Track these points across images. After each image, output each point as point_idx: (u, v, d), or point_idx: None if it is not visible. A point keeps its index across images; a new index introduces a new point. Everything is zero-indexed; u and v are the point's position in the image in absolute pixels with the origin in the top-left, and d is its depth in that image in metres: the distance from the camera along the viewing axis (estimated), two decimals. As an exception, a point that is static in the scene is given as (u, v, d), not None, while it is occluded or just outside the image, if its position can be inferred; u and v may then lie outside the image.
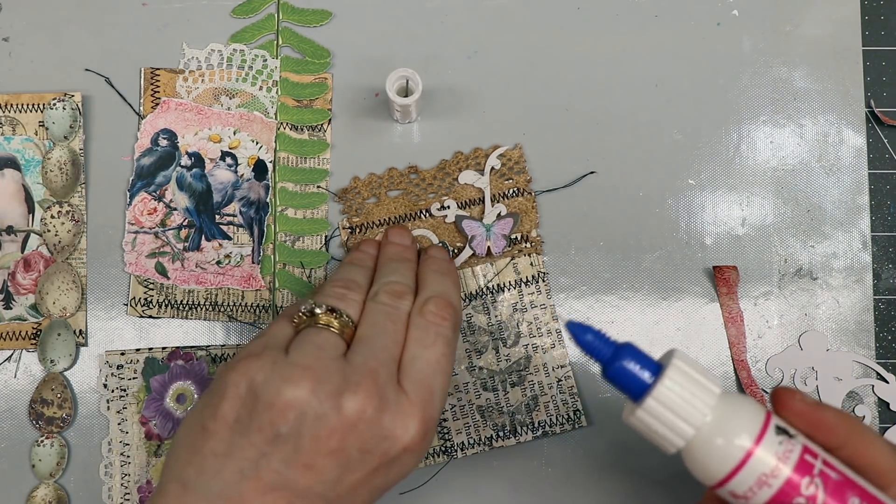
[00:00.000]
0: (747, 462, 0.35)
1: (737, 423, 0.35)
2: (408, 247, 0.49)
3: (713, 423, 0.35)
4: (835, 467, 0.36)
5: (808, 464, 0.35)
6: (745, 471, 0.35)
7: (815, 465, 0.35)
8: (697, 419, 0.35)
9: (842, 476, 0.35)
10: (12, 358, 0.51)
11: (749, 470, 0.35)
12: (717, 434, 0.35)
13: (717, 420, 0.35)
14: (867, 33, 0.54)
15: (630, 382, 0.36)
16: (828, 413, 0.37)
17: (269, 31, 0.54)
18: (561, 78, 0.53)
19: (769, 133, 0.54)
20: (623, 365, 0.36)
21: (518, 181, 0.52)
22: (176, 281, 0.51)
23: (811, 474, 0.35)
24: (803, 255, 0.53)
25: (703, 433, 0.35)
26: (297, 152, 0.53)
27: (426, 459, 0.51)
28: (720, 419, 0.35)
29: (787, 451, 0.35)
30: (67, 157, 0.52)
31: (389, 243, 0.49)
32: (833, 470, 0.35)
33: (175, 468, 0.39)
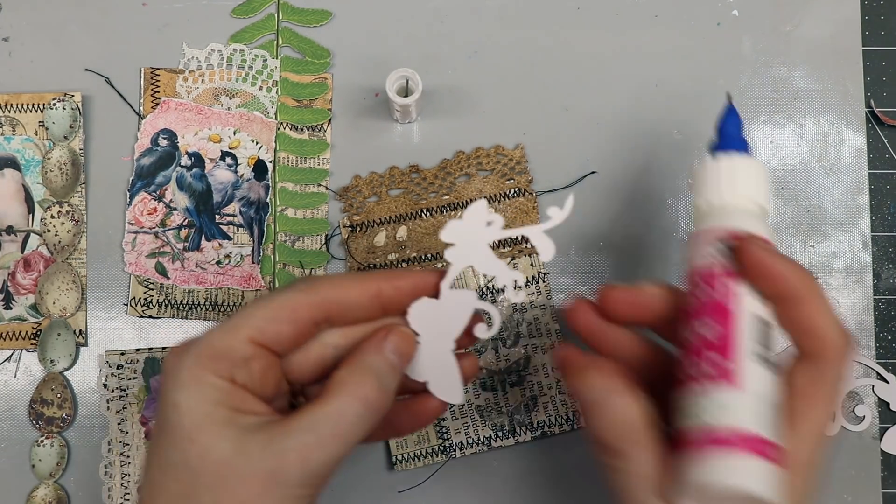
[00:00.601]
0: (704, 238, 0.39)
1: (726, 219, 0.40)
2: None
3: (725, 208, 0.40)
4: (728, 292, 0.37)
5: (732, 272, 0.38)
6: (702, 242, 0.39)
7: (734, 281, 0.38)
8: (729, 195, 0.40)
9: (721, 302, 0.37)
10: (12, 358, 0.51)
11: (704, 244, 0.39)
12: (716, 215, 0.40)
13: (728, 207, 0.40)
14: (867, 33, 0.54)
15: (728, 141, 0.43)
16: (784, 263, 0.37)
17: (269, 31, 0.54)
18: (561, 78, 0.53)
19: (769, 133, 0.53)
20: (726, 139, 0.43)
21: (519, 181, 0.52)
22: (176, 281, 0.52)
23: (728, 279, 0.38)
24: (803, 255, 0.53)
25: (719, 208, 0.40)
26: (297, 152, 0.53)
27: (425, 458, 0.51)
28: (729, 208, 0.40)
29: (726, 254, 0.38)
30: (67, 157, 0.52)
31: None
32: (727, 296, 0.37)
33: None
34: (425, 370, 0.40)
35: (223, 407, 0.37)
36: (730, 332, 0.37)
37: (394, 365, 0.39)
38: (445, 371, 0.40)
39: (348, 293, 0.40)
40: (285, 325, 0.39)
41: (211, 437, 0.36)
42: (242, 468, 0.35)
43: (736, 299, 0.37)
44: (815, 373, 0.37)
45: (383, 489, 0.51)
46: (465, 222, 0.39)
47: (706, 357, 0.37)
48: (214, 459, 0.36)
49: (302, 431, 0.36)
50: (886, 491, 0.51)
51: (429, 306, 0.40)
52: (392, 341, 0.39)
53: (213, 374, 0.37)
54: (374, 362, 0.39)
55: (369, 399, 0.38)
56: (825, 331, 0.37)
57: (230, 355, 0.37)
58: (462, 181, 0.52)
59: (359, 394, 0.38)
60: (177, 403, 0.37)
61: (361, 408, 0.37)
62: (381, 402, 0.38)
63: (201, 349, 0.38)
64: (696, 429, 0.36)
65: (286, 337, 0.39)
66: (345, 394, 0.38)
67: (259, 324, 0.38)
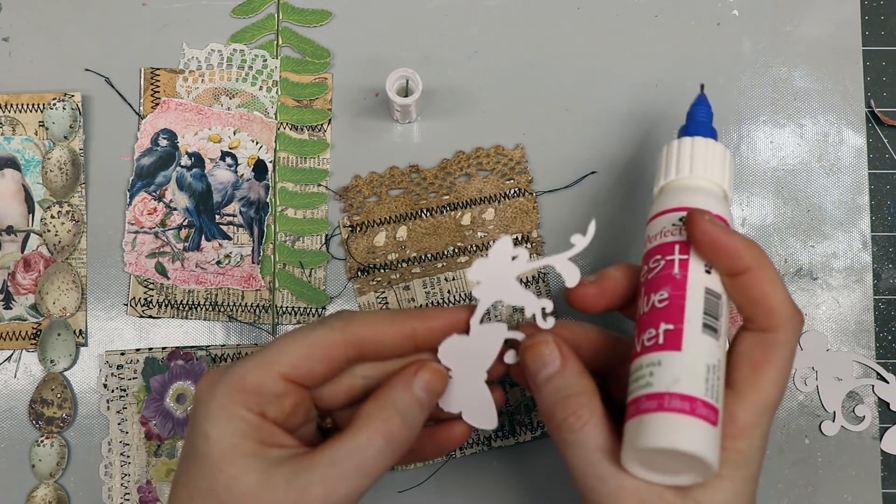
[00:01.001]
0: (658, 218, 0.41)
1: (683, 198, 0.41)
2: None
3: (683, 187, 0.42)
4: (684, 268, 0.39)
5: (669, 249, 0.40)
6: (655, 222, 0.41)
7: (672, 257, 0.39)
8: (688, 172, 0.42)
9: (676, 276, 0.39)
10: (12, 358, 0.51)
11: (657, 224, 0.41)
12: (672, 193, 0.42)
13: (687, 187, 0.42)
14: (867, 33, 0.54)
15: (692, 128, 0.44)
16: (735, 238, 0.38)
17: (269, 31, 0.54)
18: (561, 78, 0.53)
19: (769, 133, 0.53)
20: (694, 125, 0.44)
21: (519, 181, 0.52)
22: (176, 281, 0.52)
23: (663, 257, 0.39)
24: (803, 255, 0.53)
25: (676, 184, 0.43)
26: (297, 152, 0.53)
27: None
28: (688, 188, 0.42)
29: (669, 232, 0.40)
30: (67, 157, 0.52)
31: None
32: (681, 270, 0.39)
33: None
34: (459, 402, 0.42)
35: (251, 440, 0.37)
36: (678, 301, 0.38)
37: (421, 401, 0.40)
38: (479, 401, 0.42)
39: (384, 334, 0.40)
40: (318, 363, 0.39)
41: (238, 469, 0.37)
42: (267, 499, 0.36)
43: (685, 270, 0.39)
44: (765, 343, 0.38)
45: (383, 489, 0.51)
46: (490, 259, 0.40)
47: (656, 326, 0.38)
48: (240, 490, 0.36)
49: (325, 465, 0.37)
50: (886, 491, 0.51)
51: (459, 342, 0.41)
52: (423, 378, 0.40)
53: (244, 407, 0.38)
54: (402, 399, 0.39)
55: (393, 435, 0.38)
56: (775, 302, 0.38)
57: (261, 391, 0.38)
58: (462, 181, 0.52)
59: (383, 429, 0.38)
60: (207, 434, 0.37)
61: (384, 443, 0.38)
62: (405, 437, 0.39)
63: (233, 382, 0.38)
64: (641, 395, 0.37)
65: (318, 374, 0.40)
66: (370, 428, 0.38)
67: (293, 360, 0.39)
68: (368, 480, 0.38)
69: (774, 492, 0.51)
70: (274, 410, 0.39)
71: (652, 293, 0.39)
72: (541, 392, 0.40)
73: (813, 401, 0.51)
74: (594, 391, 0.39)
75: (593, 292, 0.41)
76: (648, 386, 0.37)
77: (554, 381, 0.40)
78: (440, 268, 0.52)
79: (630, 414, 0.37)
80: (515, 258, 0.40)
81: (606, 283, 0.42)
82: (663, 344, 0.37)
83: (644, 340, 0.38)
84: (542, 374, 0.40)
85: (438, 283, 0.52)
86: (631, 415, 0.37)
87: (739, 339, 0.39)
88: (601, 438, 0.38)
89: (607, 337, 0.43)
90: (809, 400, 0.51)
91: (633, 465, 0.37)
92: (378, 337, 0.40)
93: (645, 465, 0.37)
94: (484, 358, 0.41)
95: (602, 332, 0.43)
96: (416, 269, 0.52)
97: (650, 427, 0.36)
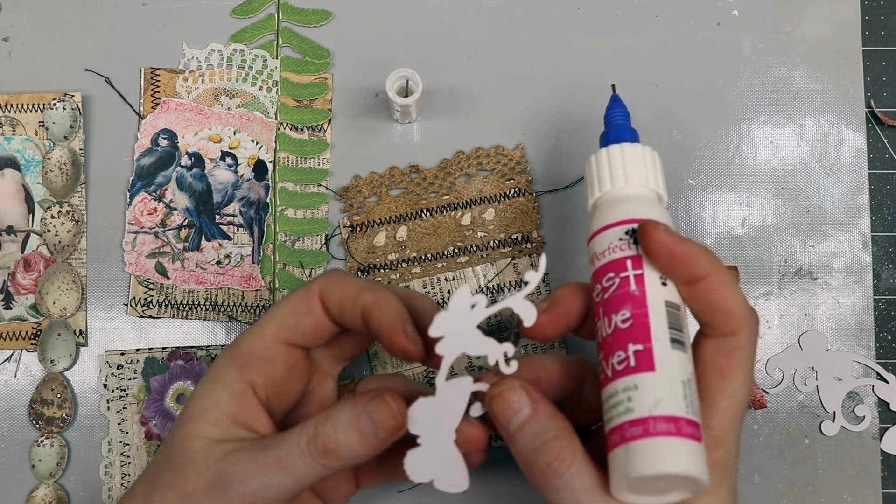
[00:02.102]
0: (601, 233, 0.40)
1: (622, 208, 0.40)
2: None
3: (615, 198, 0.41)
4: (641, 285, 0.38)
5: (622, 266, 0.39)
6: (599, 238, 0.40)
7: (627, 273, 0.38)
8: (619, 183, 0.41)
9: (634, 293, 0.38)
10: (12, 358, 0.51)
11: (601, 239, 0.40)
12: (608, 207, 0.41)
13: (619, 198, 0.41)
14: (867, 33, 0.54)
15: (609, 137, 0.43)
16: (690, 246, 0.38)
17: (269, 31, 0.54)
18: (561, 78, 0.53)
19: (769, 133, 0.53)
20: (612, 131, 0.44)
21: (519, 181, 0.52)
22: (176, 281, 0.51)
23: (616, 274, 0.39)
24: (803, 255, 0.53)
25: (610, 196, 0.41)
26: (297, 152, 0.53)
27: (426, 459, 0.50)
28: (622, 198, 0.41)
29: (619, 248, 0.39)
30: (67, 157, 0.52)
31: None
32: (638, 286, 0.38)
33: None
34: (429, 469, 0.40)
35: (219, 410, 0.40)
36: (641, 319, 0.37)
37: (362, 431, 0.39)
38: (449, 464, 0.40)
39: (346, 297, 0.41)
40: (302, 317, 0.41)
41: (196, 429, 0.39)
42: (200, 465, 0.38)
43: (642, 286, 0.38)
44: (729, 347, 0.38)
45: (383, 489, 0.50)
46: (450, 312, 0.40)
47: (624, 348, 0.37)
48: (187, 448, 0.39)
49: (256, 450, 0.38)
50: (886, 491, 0.51)
51: (427, 405, 0.40)
52: (369, 409, 0.39)
53: (235, 375, 0.40)
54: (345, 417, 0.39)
55: (326, 448, 0.38)
56: (735, 306, 0.38)
57: (251, 355, 0.41)
58: (462, 181, 0.52)
59: (318, 438, 0.38)
60: (191, 394, 0.41)
61: (311, 452, 0.38)
62: (339, 456, 0.38)
63: (229, 350, 0.41)
64: (622, 422, 0.36)
65: (306, 329, 0.41)
66: (305, 433, 0.39)
67: (277, 319, 0.41)
68: (289, 480, 0.38)
69: (774, 492, 0.51)
70: (264, 378, 0.40)
71: (612, 314, 0.38)
72: (515, 441, 0.39)
73: (813, 401, 0.51)
74: (571, 430, 0.38)
75: (547, 321, 0.40)
76: (629, 412, 0.36)
77: (527, 427, 0.38)
78: (440, 268, 0.52)
79: (614, 443, 0.37)
80: (474, 306, 0.40)
81: (559, 309, 0.41)
82: (636, 366, 0.37)
83: (614, 364, 0.37)
84: (513, 422, 0.39)
85: (438, 283, 0.52)
86: (615, 444, 0.37)
87: (701, 347, 0.39)
88: (588, 477, 0.37)
89: (562, 364, 0.42)
90: (809, 400, 0.51)
91: (624, 493, 0.36)
92: (342, 298, 0.41)
93: (635, 491, 0.36)
94: (452, 417, 0.40)
95: (556, 360, 0.42)
96: (416, 269, 0.52)
97: (639, 455, 0.35)
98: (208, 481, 0.38)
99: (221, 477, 0.38)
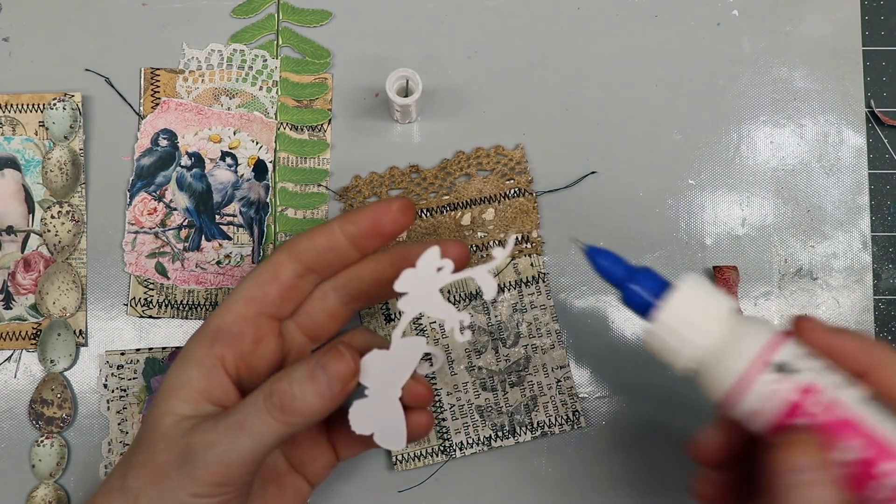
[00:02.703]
0: (757, 377, 0.35)
1: (748, 340, 0.35)
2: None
3: (725, 339, 0.35)
4: (841, 404, 0.34)
5: (816, 388, 0.34)
6: (753, 386, 0.35)
7: (826, 392, 0.34)
8: (709, 332, 0.36)
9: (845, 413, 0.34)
10: (12, 358, 0.51)
11: (757, 386, 0.35)
12: (728, 348, 0.35)
13: (729, 335, 0.35)
14: (867, 33, 0.54)
15: (642, 302, 0.37)
16: (846, 340, 0.36)
17: (269, 31, 0.54)
18: (561, 78, 0.53)
19: (769, 133, 0.54)
20: (635, 287, 0.37)
21: (519, 181, 0.52)
22: (176, 281, 0.52)
23: (818, 398, 0.34)
24: (803, 255, 0.53)
25: (715, 348, 0.35)
26: (297, 152, 0.53)
27: (425, 458, 0.51)
28: (733, 335, 0.36)
29: (797, 370, 0.35)
30: (67, 157, 0.52)
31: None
32: (839, 406, 0.34)
33: None
34: (372, 422, 0.42)
35: (189, 387, 0.41)
36: (872, 436, 0.34)
37: (318, 381, 0.39)
38: (391, 420, 0.42)
39: (315, 239, 0.42)
40: (268, 284, 0.42)
41: (168, 406, 0.40)
42: (170, 439, 0.39)
43: (846, 403, 0.34)
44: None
45: (383, 489, 0.51)
46: (419, 270, 0.40)
47: (872, 473, 0.33)
48: (160, 423, 0.40)
49: (212, 428, 0.39)
50: (886, 491, 0.51)
51: (380, 357, 0.41)
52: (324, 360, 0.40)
53: (204, 351, 0.41)
54: (300, 373, 0.40)
55: (283, 404, 0.39)
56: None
57: (219, 331, 0.42)
58: (462, 181, 0.52)
59: (275, 393, 0.39)
60: (168, 373, 0.42)
61: (269, 409, 0.39)
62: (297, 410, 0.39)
63: (202, 326, 0.42)
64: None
65: (273, 295, 0.42)
66: (262, 390, 0.40)
67: (245, 292, 0.42)
68: (249, 441, 0.38)
69: (774, 492, 0.51)
70: (233, 353, 0.41)
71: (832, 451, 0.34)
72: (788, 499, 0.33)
73: (813, 401, 0.51)
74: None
75: (821, 338, 0.36)
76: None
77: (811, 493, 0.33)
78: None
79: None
80: (441, 269, 0.40)
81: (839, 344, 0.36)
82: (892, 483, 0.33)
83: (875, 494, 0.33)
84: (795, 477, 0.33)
85: (438, 283, 0.52)
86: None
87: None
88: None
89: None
90: (809, 400, 0.51)
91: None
92: (313, 245, 0.42)
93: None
94: (401, 373, 0.41)
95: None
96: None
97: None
98: (177, 455, 0.39)
99: (188, 448, 0.39)
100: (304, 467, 0.45)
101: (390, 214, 0.42)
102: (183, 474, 0.38)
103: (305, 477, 0.45)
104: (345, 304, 0.45)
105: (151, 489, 0.39)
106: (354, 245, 0.43)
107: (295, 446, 0.45)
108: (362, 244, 0.43)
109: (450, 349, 0.51)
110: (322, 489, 0.50)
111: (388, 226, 0.42)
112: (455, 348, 0.51)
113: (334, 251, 0.43)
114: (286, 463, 0.45)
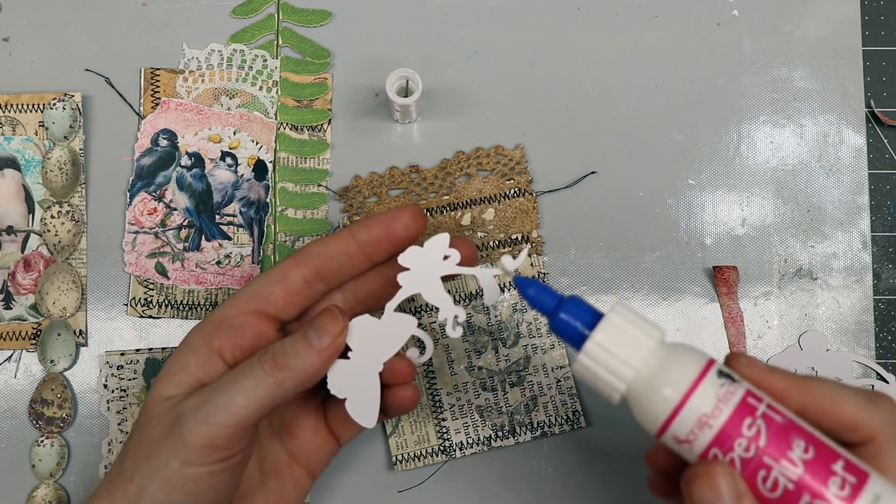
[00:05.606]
0: (686, 402, 0.35)
1: (676, 368, 0.36)
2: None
3: (653, 368, 0.36)
4: (780, 411, 0.35)
5: (750, 406, 0.35)
6: (684, 412, 0.35)
7: (759, 408, 0.35)
8: (636, 362, 0.36)
9: (786, 419, 0.35)
10: (12, 358, 0.51)
11: (689, 411, 0.35)
12: (657, 378, 0.36)
13: (657, 365, 0.36)
14: (867, 33, 0.54)
15: (571, 332, 0.37)
16: (775, 380, 0.36)
17: (269, 32, 0.54)
18: (561, 78, 0.53)
19: (769, 133, 0.54)
20: (564, 316, 0.37)
21: (519, 181, 0.52)
22: (176, 281, 0.52)
23: (753, 416, 0.35)
24: (803, 255, 0.53)
25: (643, 378, 0.36)
26: (297, 152, 0.53)
27: (425, 458, 0.51)
28: (660, 364, 0.36)
29: (729, 392, 0.35)
30: (67, 157, 0.52)
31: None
32: (778, 413, 0.35)
33: None
34: (348, 388, 0.42)
35: (184, 373, 0.41)
36: (816, 439, 0.35)
37: (308, 339, 0.40)
38: (367, 392, 0.42)
39: (327, 244, 0.43)
40: (275, 285, 0.43)
41: (162, 390, 0.41)
42: (162, 415, 0.40)
43: (783, 410, 0.35)
44: (871, 456, 0.36)
45: (383, 489, 0.51)
46: (425, 250, 0.41)
47: (830, 475, 0.34)
48: (153, 405, 0.41)
49: (202, 392, 0.40)
50: (886, 491, 0.51)
51: (369, 323, 0.41)
52: (315, 320, 0.41)
53: (203, 340, 0.42)
54: (292, 339, 0.41)
55: (276, 358, 0.40)
56: (850, 416, 0.36)
57: (221, 323, 0.42)
58: (462, 181, 0.52)
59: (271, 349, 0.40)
60: (167, 360, 0.43)
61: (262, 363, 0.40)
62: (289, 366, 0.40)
63: (206, 318, 0.43)
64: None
65: (278, 298, 0.43)
66: (247, 363, 0.40)
67: (252, 290, 0.43)
68: (240, 396, 0.39)
69: (774, 492, 0.51)
70: (231, 345, 0.42)
71: (786, 451, 0.34)
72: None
73: (813, 401, 0.51)
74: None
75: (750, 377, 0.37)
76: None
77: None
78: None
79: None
80: (447, 258, 0.41)
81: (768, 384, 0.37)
82: (857, 483, 0.34)
83: (834, 497, 0.34)
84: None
85: (438, 283, 0.52)
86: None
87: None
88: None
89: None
90: (809, 400, 0.51)
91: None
92: (324, 249, 0.43)
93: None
94: (387, 347, 0.41)
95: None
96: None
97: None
98: (168, 423, 0.40)
99: (178, 414, 0.39)
100: (307, 456, 0.45)
101: (403, 220, 0.43)
102: (173, 440, 0.39)
103: (307, 468, 0.45)
104: (350, 309, 0.45)
105: (144, 465, 0.39)
106: (365, 252, 0.43)
107: (295, 437, 0.45)
108: (373, 250, 0.43)
109: (450, 349, 0.51)
110: (322, 489, 0.50)
111: (400, 231, 0.43)
112: (455, 348, 0.51)
113: (345, 255, 0.43)
114: (287, 456, 0.45)
